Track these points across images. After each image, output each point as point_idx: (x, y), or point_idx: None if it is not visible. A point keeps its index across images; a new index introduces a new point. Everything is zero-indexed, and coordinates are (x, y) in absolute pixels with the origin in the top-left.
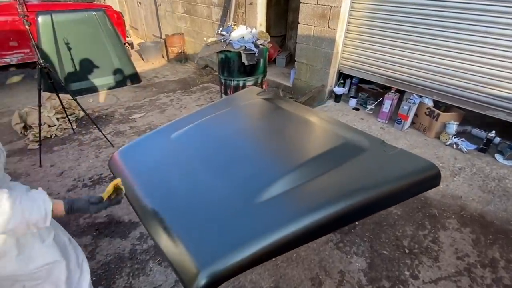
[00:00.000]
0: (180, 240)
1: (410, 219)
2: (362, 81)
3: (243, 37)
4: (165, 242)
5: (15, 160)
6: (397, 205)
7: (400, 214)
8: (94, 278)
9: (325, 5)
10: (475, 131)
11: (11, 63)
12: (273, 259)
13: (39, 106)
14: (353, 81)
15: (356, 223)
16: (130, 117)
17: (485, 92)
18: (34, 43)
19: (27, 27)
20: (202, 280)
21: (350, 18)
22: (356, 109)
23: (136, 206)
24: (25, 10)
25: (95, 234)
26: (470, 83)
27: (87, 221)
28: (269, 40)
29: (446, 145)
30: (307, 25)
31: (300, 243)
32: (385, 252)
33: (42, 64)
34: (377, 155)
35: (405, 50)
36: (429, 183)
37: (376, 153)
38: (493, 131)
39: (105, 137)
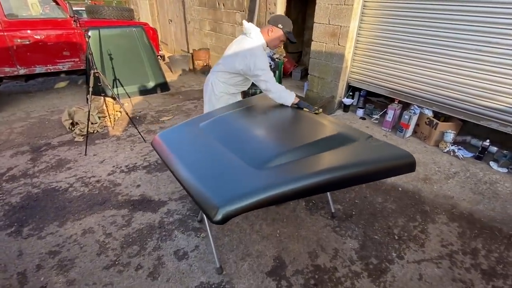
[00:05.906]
0: (207, 189)
1: (403, 212)
2: (370, 94)
3: None
4: (197, 192)
5: (65, 149)
6: (392, 200)
7: (394, 208)
8: (130, 240)
9: (335, 25)
10: (474, 141)
11: (63, 69)
12: (277, 235)
13: (89, 104)
14: (361, 93)
15: (353, 212)
16: (160, 119)
17: (479, 104)
18: (90, 52)
19: (87, 39)
20: (219, 215)
21: (358, 36)
22: (363, 118)
23: (174, 170)
24: (83, 26)
25: (131, 208)
26: (465, 96)
27: (125, 198)
28: (285, 55)
29: (443, 152)
30: (319, 42)
31: (291, 199)
32: (376, 237)
33: (95, 70)
34: (364, 145)
35: (408, 65)
36: (405, 168)
37: (363, 143)
38: (488, 140)
39: (140, 133)
